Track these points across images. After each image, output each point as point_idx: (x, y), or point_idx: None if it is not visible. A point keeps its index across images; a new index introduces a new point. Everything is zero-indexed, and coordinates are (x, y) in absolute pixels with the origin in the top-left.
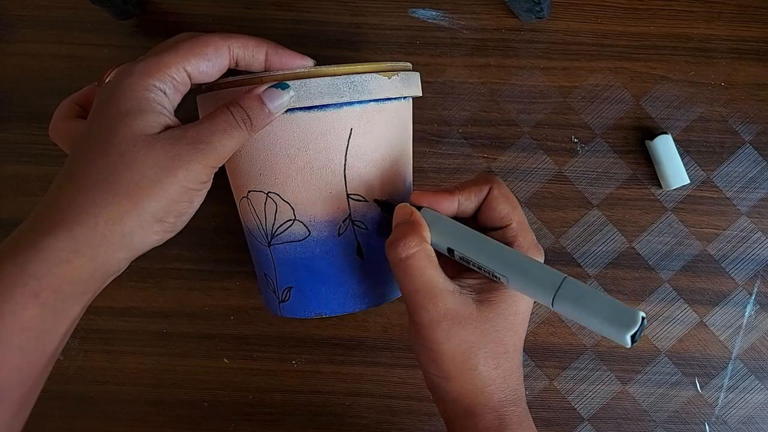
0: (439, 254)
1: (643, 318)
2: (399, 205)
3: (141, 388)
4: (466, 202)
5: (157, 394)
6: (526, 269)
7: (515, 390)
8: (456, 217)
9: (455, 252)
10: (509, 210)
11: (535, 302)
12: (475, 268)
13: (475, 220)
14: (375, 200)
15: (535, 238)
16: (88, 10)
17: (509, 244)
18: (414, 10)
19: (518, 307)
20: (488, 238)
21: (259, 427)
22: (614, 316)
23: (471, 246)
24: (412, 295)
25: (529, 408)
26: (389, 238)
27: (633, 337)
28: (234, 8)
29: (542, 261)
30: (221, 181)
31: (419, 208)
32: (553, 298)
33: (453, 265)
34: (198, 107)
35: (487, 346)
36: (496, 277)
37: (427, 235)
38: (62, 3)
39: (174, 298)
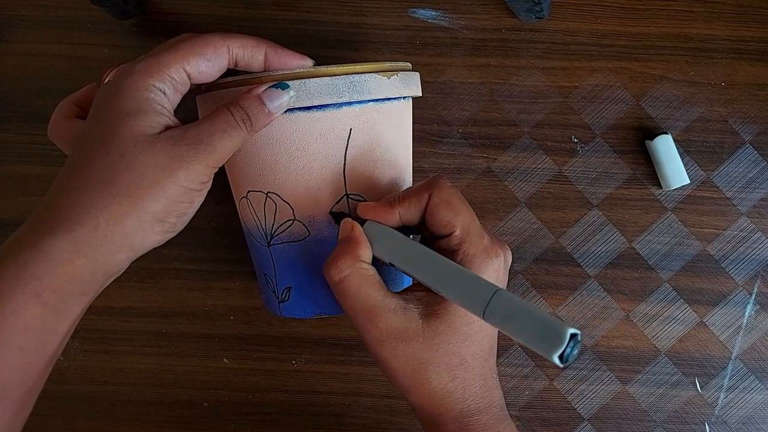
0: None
1: (573, 335)
2: (343, 220)
3: (141, 388)
4: (407, 213)
5: (156, 394)
6: (457, 282)
7: (480, 398)
8: (405, 227)
9: (395, 266)
10: (450, 216)
11: None
12: (418, 281)
13: (424, 227)
14: (330, 212)
15: (487, 241)
16: (88, 10)
17: (455, 251)
18: (414, 10)
19: (471, 317)
20: (426, 249)
21: (259, 427)
22: (542, 334)
23: (406, 260)
24: (353, 315)
25: (529, 408)
26: (326, 261)
27: (562, 356)
28: (234, 8)
29: (499, 263)
30: (220, 181)
31: (365, 221)
32: (483, 312)
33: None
34: (197, 107)
35: (438, 360)
36: (434, 290)
37: (364, 252)
38: (62, 3)
39: (173, 298)
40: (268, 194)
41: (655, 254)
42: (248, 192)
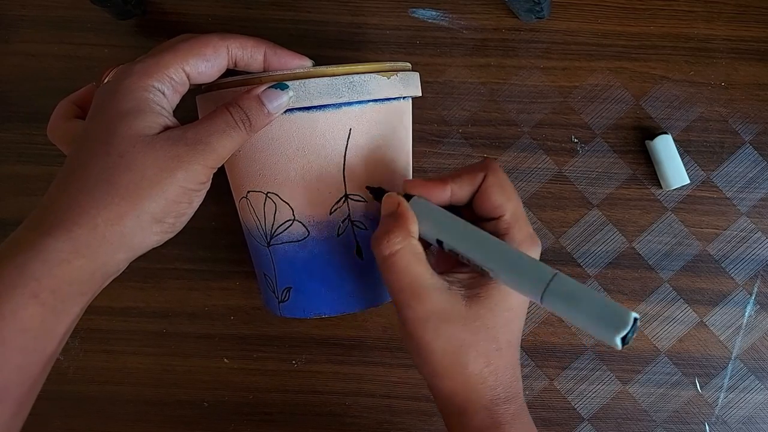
0: (429, 245)
1: (635, 319)
2: (387, 194)
3: (140, 388)
4: (459, 190)
5: (156, 394)
6: (514, 263)
7: (509, 387)
8: (450, 206)
9: (444, 244)
10: (503, 200)
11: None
12: (465, 261)
13: (470, 209)
14: (367, 187)
15: (531, 230)
16: (88, 10)
17: (502, 235)
18: (414, 10)
19: (510, 303)
20: (479, 229)
21: (259, 427)
22: (605, 317)
23: (459, 238)
24: (398, 292)
25: (529, 408)
26: (375, 233)
27: (624, 339)
28: (234, 8)
29: (538, 254)
30: (220, 181)
31: (411, 197)
32: (542, 295)
33: (445, 259)
34: (197, 107)
35: (477, 344)
36: (485, 271)
37: (414, 228)
38: (62, 3)
39: (174, 298)
40: (268, 194)
41: (655, 254)
42: (248, 192)
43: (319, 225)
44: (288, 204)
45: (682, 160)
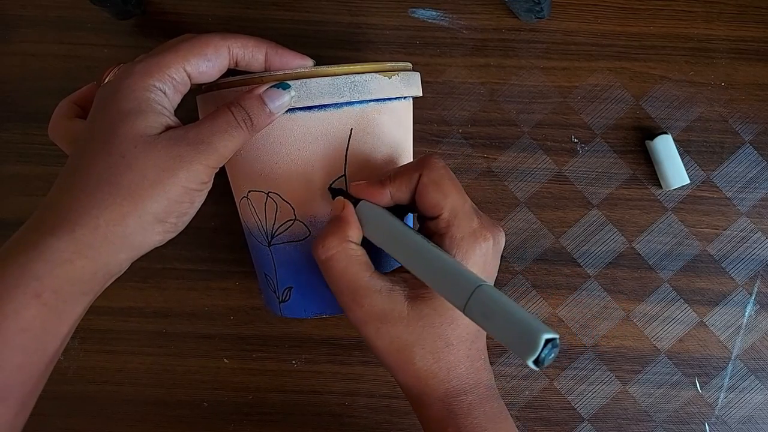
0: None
1: (549, 340)
2: (336, 198)
3: (140, 388)
4: (398, 192)
5: (156, 394)
6: (441, 274)
7: (465, 379)
8: (401, 206)
9: (384, 250)
10: (439, 198)
11: None
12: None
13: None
14: (328, 188)
15: (476, 224)
16: (88, 10)
17: (442, 234)
18: (414, 10)
19: None
20: (415, 235)
21: (259, 427)
22: (518, 337)
23: (393, 245)
24: (338, 295)
25: (529, 408)
26: (314, 239)
27: (537, 360)
28: (234, 8)
29: (488, 246)
30: (220, 181)
31: (358, 202)
32: (464, 307)
33: None
34: (198, 107)
35: (422, 343)
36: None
37: (353, 232)
38: (62, 3)
39: (173, 298)
40: (269, 194)
41: (655, 254)
42: (249, 192)
43: (320, 225)
44: (289, 203)
45: (682, 160)
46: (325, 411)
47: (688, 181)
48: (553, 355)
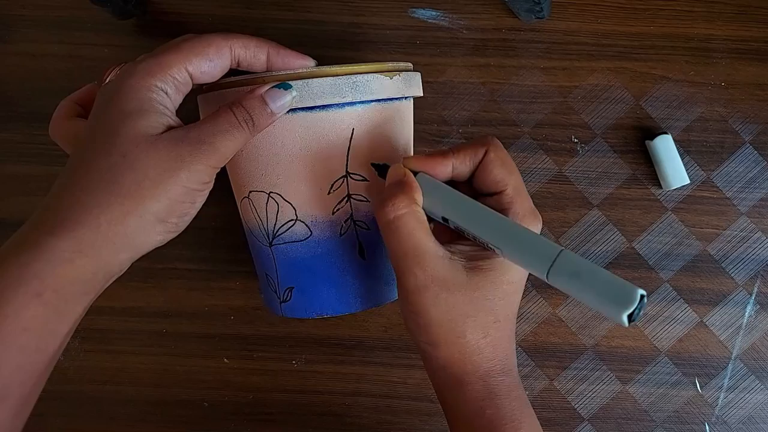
0: (433, 221)
1: (642, 296)
2: (393, 165)
3: (141, 388)
4: (461, 165)
5: (157, 394)
6: (520, 241)
7: (504, 359)
8: (452, 182)
9: (449, 221)
10: (505, 175)
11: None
12: (470, 237)
13: (470, 185)
14: (372, 163)
15: (532, 204)
16: (88, 10)
17: (504, 210)
18: (414, 10)
19: (512, 276)
20: (483, 206)
21: (259, 427)
22: (611, 294)
23: (464, 215)
24: (400, 258)
25: None
26: (378, 199)
27: (630, 316)
28: (234, 8)
29: (539, 228)
30: (221, 181)
31: (415, 174)
32: (548, 272)
33: (446, 232)
34: (198, 107)
35: (476, 315)
36: (490, 247)
37: (419, 197)
38: (62, 3)
39: (174, 298)
40: (270, 194)
41: (655, 254)
42: (250, 192)
43: (321, 225)
44: (291, 204)
45: (682, 160)
46: (325, 411)
47: (688, 181)
48: (642, 311)
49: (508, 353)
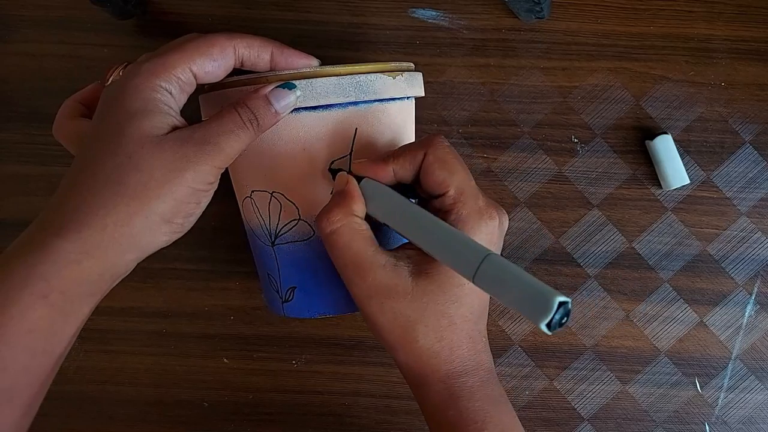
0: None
1: (561, 303)
2: (338, 173)
3: (140, 388)
4: (401, 170)
5: (156, 394)
6: (448, 244)
7: (466, 360)
8: (401, 187)
9: (389, 225)
10: (445, 176)
11: None
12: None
13: (419, 187)
14: (329, 169)
15: (482, 203)
16: (88, 10)
17: (447, 211)
18: (414, 10)
19: (461, 279)
20: (420, 210)
21: (259, 427)
22: (531, 300)
23: (399, 220)
24: (341, 269)
25: (529, 408)
26: (319, 213)
27: (550, 324)
28: (234, 8)
29: (493, 225)
30: (221, 180)
31: (362, 179)
32: (473, 275)
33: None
34: (201, 107)
35: (426, 320)
36: (426, 251)
37: (357, 207)
38: (62, 3)
39: (173, 298)
40: (273, 194)
41: (655, 254)
42: (252, 192)
43: None
44: (293, 203)
45: (682, 160)
46: (325, 411)
47: (688, 181)
48: (565, 319)
49: (469, 353)
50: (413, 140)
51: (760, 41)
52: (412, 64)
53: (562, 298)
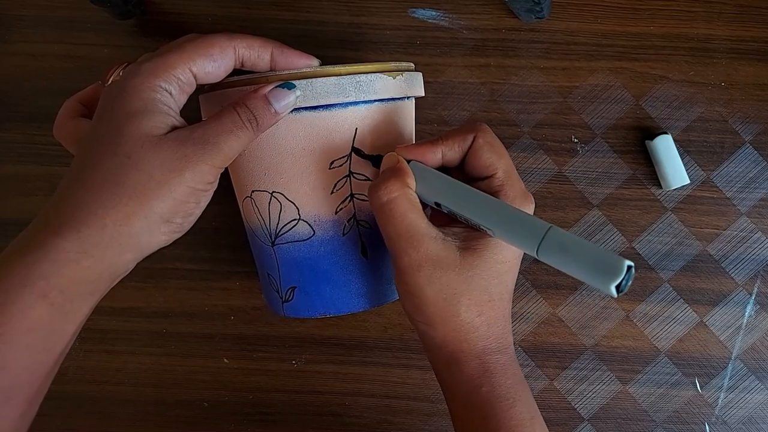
0: (427, 207)
1: (629, 267)
2: (387, 154)
3: (141, 388)
4: (450, 152)
5: (157, 394)
6: (510, 220)
7: (500, 338)
8: (443, 168)
9: (441, 205)
10: (494, 159)
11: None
12: (462, 221)
13: (462, 170)
14: (366, 155)
15: (523, 186)
16: (88, 10)
17: (496, 193)
18: (414, 10)
19: (504, 255)
20: (473, 189)
21: (259, 427)
22: (599, 266)
23: (455, 198)
24: (394, 239)
25: None
26: (372, 184)
27: (618, 287)
28: (234, 8)
29: (532, 209)
30: (221, 180)
31: (407, 162)
32: (538, 248)
33: (441, 216)
34: (201, 106)
35: (470, 294)
36: (481, 229)
37: (411, 181)
38: (62, 3)
39: (174, 298)
40: (273, 194)
41: (655, 254)
42: (252, 192)
43: (324, 224)
44: (293, 203)
45: (682, 160)
46: (325, 411)
47: (688, 181)
48: (630, 282)
49: (503, 332)
50: (413, 140)
51: (760, 41)
52: (412, 64)
53: (629, 262)
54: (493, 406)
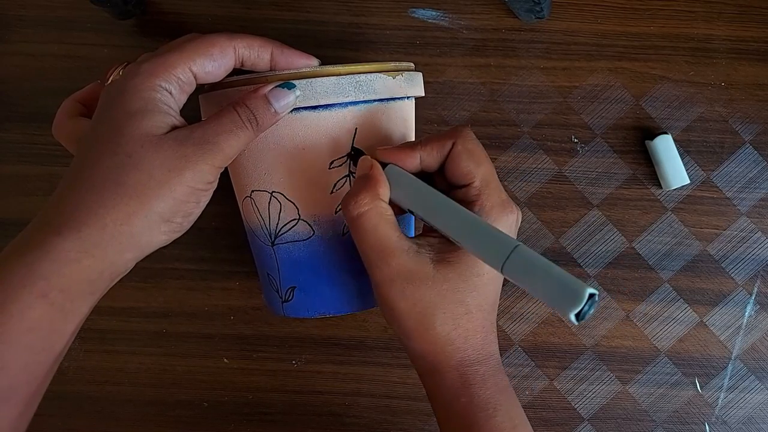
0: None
1: (591, 295)
2: (362, 157)
3: (140, 388)
4: (428, 157)
5: (156, 394)
6: (477, 234)
7: (479, 349)
8: (424, 173)
9: (414, 213)
10: (472, 167)
11: None
12: (434, 229)
13: (442, 176)
14: (352, 147)
15: (504, 196)
16: (88, 10)
17: (472, 202)
18: (414, 10)
19: (480, 269)
20: (446, 198)
21: (259, 427)
22: (561, 291)
23: (426, 207)
24: (366, 253)
25: (529, 408)
26: (345, 196)
27: (579, 314)
28: (234, 8)
29: (513, 220)
30: (221, 180)
31: (385, 165)
32: (502, 265)
33: (420, 222)
34: (200, 106)
35: (444, 307)
36: (452, 240)
37: (383, 191)
38: (62, 3)
39: (174, 298)
40: (273, 193)
41: (655, 254)
42: (252, 192)
43: (324, 224)
44: (293, 203)
45: (682, 160)
46: (325, 411)
47: (688, 181)
48: (592, 310)
49: (482, 343)
50: (413, 140)
51: (760, 41)
52: (412, 64)
53: (591, 290)
54: (474, 416)
